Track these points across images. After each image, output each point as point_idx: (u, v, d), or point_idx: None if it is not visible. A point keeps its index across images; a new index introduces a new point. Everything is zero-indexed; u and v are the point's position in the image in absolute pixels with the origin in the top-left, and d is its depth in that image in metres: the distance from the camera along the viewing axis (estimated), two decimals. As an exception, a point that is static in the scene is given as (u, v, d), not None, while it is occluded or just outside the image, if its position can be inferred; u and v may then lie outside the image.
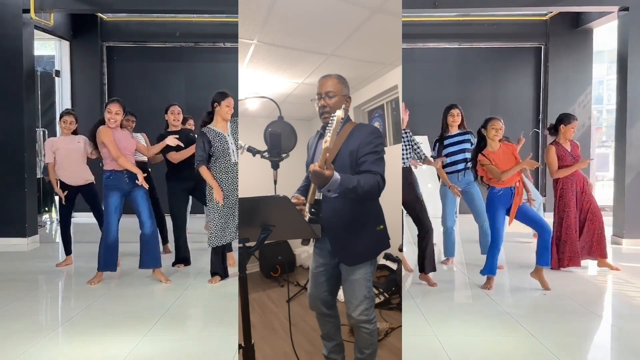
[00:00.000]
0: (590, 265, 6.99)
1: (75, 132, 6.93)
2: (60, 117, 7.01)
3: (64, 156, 6.74)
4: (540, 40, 11.61)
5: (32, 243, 8.56)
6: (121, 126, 6.28)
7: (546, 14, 11.34)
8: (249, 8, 3.06)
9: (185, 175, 6.80)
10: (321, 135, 3.16)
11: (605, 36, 11.73)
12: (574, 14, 11.21)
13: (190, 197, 7.47)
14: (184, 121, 7.55)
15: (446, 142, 6.81)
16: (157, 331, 4.64)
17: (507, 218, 5.95)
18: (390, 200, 3.09)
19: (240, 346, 3.11)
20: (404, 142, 6.25)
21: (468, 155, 6.69)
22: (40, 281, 6.44)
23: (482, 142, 5.98)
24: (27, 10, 8.50)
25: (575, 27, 11.31)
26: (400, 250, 3.24)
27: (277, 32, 3.09)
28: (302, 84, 3.11)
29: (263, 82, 3.11)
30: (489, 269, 5.94)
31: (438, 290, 5.90)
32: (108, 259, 6.15)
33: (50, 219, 11.07)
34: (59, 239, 9.16)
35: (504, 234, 5.97)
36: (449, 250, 7.08)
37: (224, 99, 6.13)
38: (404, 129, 6.23)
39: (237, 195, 5.91)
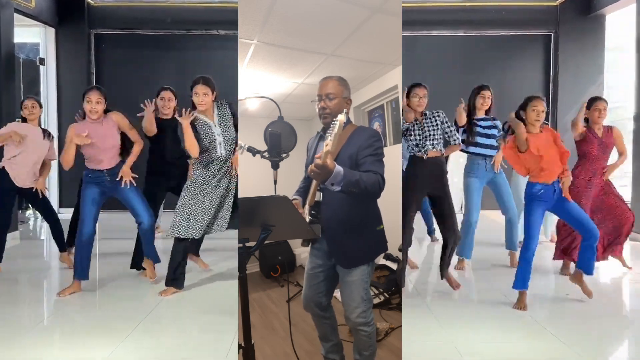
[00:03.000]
0: (609, 266, 7.08)
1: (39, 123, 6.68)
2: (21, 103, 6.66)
3: (27, 150, 6.48)
4: (550, 27, 11.78)
5: (12, 240, 8.30)
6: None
7: None
8: (249, 8, 3.27)
9: (167, 171, 6.48)
10: (321, 136, 3.37)
11: (615, 27, 11.85)
12: (586, -1, 11.40)
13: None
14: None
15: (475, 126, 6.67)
16: (137, 336, 4.69)
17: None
18: (390, 200, 3.30)
19: (240, 346, 3.32)
20: (434, 124, 5.92)
21: (494, 142, 6.64)
22: (21, 281, 6.53)
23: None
24: (6, -9, 8.56)
25: (586, 13, 11.48)
26: (400, 250, 3.45)
27: (277, 32, 3.29)
28: (302, 84, 3.32)
29: (263, 82, 3.31)
30: (521, 281, 5.49)
31: (455, 297, 5.89)
32: (80, 261, 5.88)
33: (34, 214, 11.16)
34: (43, 236, 9.29)
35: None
36: (466, 250, 6.87)
37: (193, 86, 5.71)
38: (431, 112, 6.00)
39: (222, 191, 5.81)
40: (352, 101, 3.34)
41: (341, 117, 3.01)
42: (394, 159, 3.36)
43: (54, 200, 10.92)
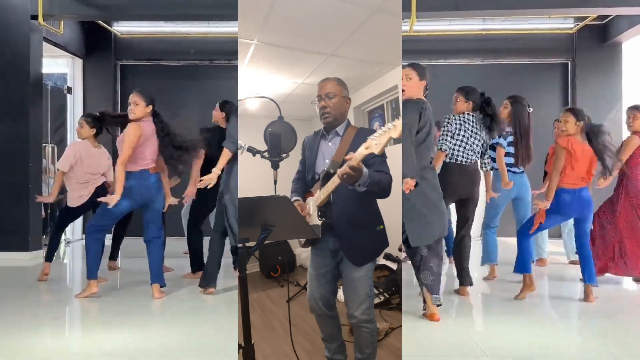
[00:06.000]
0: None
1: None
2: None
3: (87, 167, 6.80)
4: (567, 55, 11.71)
5: (36, 258, 8.39)
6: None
7: (573, 27, 11.44)
8: (249, 8, 3.26)
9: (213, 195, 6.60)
10: (322, 135, 3.35)
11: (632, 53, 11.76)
12: (601, 27, 11.31)
13: None
14: None
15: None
16: (140, 337, 4.74)
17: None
18: (390, 200, 3.25)
19: (240, 346, 3.25)
20: (471, 131, 5.86)
21: None
22: (42, 294, 6.54)
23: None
24: (36, 17, 8.70)
25: (603, 41, 11.39)
26: (400, 250, 3.38)
27: (277, 32, 3.28)
28: (302, 84, 3.29)
29: (263, 82, 3.30)
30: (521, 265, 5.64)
31: (475, 306, 5.85)
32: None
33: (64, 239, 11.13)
34: (68, 259, 9.27)
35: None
36: (491, 256, 6.57)
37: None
38: (467, 113, 5.97)
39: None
40: (353, 101, 3.31)
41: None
42: (394, 158, 3.30)
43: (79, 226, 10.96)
